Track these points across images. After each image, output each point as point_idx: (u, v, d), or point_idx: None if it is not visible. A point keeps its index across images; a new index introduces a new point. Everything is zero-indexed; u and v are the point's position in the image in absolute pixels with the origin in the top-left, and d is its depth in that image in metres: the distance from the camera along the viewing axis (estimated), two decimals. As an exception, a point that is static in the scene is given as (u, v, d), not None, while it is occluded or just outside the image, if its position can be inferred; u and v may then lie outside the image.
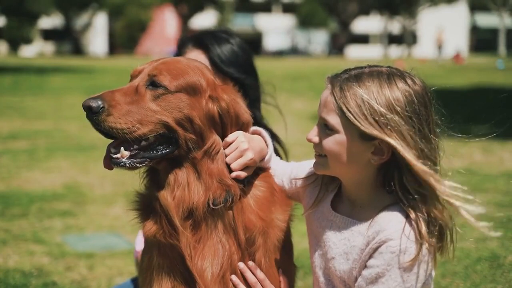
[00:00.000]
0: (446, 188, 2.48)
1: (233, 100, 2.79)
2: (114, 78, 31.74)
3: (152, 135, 2.64)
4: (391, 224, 2.50)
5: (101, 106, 2.58)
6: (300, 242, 4.47)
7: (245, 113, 2.84)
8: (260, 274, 2.75)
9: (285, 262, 2.94)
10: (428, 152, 2.49)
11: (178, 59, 2.81)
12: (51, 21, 76.92)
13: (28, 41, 72.06)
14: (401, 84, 2.51)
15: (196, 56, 3.76)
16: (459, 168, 2.75)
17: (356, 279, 2.59)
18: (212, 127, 2.72)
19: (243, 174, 2.75)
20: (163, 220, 2.68)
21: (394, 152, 2.48)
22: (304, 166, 2.94)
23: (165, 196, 2.67)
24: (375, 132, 2.46)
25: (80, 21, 76.84)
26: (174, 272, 2.74)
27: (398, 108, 2.47)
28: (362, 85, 2.51)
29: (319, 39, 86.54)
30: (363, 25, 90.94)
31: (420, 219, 2.48)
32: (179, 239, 2.66)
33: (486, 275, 5.52)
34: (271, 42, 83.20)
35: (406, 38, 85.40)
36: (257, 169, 2.88)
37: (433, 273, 2.64)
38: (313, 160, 2.86)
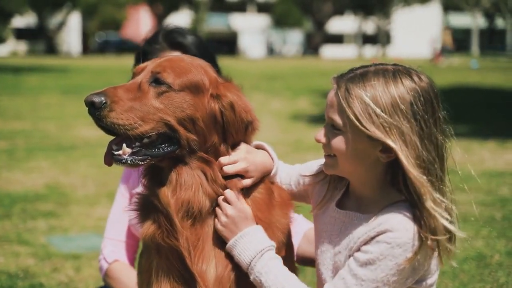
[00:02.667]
0: (431, 202, 2.48)
1: (238, 97, 2.75)
2: (90, 78, 31.62)
3: (154, 133, 2.62)
4: (394, 217, 2.50)
5: (104, 101, 2.56)
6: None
7: (251, 112, 2.79)
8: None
9: (286, 263, 2.94)
10: (429, 157, 2.49)
11: (182, 57, 2.79)
12: (24, 20, 76.39)
13: (1, 40, 71.43)
14: (407, 82, 2.51)
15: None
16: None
17: None
18: (214, 128, 2.70)
19: (239, 183, 2.74)
20: (162, 219, 2.66)
21: None
22: (311, 165, 2.94)
23: (166, 194, 2.64)
24: (377, 133, 2.46)
25: (54, 20, 76.33)
26: (173, 273, 2.71)
27: (403, 107, 2.46)
28: (367, 84, 2.50)
29: (294, 39, 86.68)
30: (337, 25, 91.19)
31: (425, 218, 2.48)
32: (177, 238, 2.65)
33: (474, 274, 5.56)
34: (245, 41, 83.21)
35: (380, 38, 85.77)
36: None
37: (433, 279, 2.64)
38: (320, 160, 2.87)
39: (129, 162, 2.64)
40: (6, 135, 14.13)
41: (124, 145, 2.64)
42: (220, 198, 2.70)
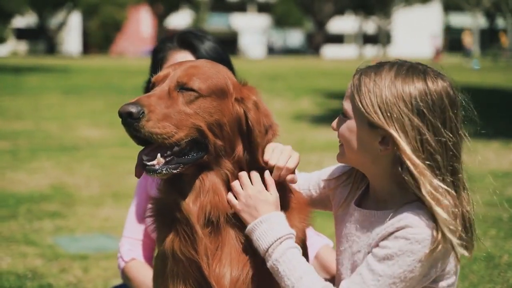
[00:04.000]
0: (430, 187, 2.48)
1: (260, 100, 2.77)
2: (90, 78, 31.62)
3: (187, 139, 2.61)
4: (413, 214, 2.50)
5: (142, 111, 2.53)
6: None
7: (271, 115, 2.80)
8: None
9: None
10: (432, 150, 2.50)
11: (204, 63, 2.78)
12: (25, 20, 76.38)
13: (1, 40, 71.42)
14: (417, 80, 2.54)
15: (184, 57, 3.72)
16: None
17: None
18: (239, 133, 2.70)
19: (296, 177, 2.77)
20: (181, 227, 2.65)
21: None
22: (330, 169, 2.96)
23: (187, 202, 2.63)
24: (379, 121, 2.51)
25: (54, 20, 76.31)
26: (189, 279, 2.70)
27: (407, 99, 2.50)
28: (378, 74, 2.57)
29: (295, 39, 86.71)
30: (338, 25, 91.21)
31: (436, 211, 2.47)
32: (196, 247, 2.63)
33: (483, 275, 5.55)
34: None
35: (381, 38, 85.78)
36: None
37: (449, 282, 2.63)
38: (336, 165, 2.90)
39: (164, 171, 2.61)
40: (8, 136, 14.12)
41: (158, 155, 2.61)
42: (244, 174, 2.68)
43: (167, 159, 2.62)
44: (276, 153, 2.73)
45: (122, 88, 23.65)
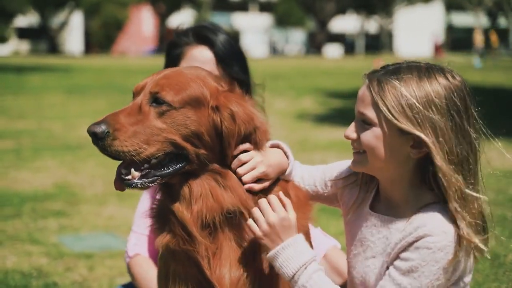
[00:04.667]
0: (455, 202, 2.46)
1: (238, 106, 2.68)
2: (92, 77, 31.62)
3: (161, 153, 2.59)
4: (431, 221, 2.47)
5: (106, 130, 2.52)
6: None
7: (256, 118, 2.73)
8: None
9: None
10: (463, 152, 2.48)
11: (180, 71, 2.72)
12: (27, 19, 76.40)
13: (3, 40, 71.45)
14: (441, 79, 2.51)
15: (201, 52, 3.72)
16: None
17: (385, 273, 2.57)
18: (219, 138, 2.66)
19: (256, 186, 2.71)
20: (178, 229, 2.64)
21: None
22: (338, 168, 2.92)
23: (181, 210, 2.62)
24: (410, 127, 2.45)
25: (56, 19, 76.32)
26: (191, 279, 2.70)
27: (437, 102, 2.46)
28: (400, 78, 2.50)
29: (296, 38, 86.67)
30: (340, 25, 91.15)
31: (461, 217, 2.46)
32: (196, 248, 2.63)
33: (488, 274, 5.55)
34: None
35: (383, 37, 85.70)
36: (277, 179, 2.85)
37: (469, 278, 2.62)
38: (345, 161, 2.85)
39: (139, 185, 2.61)
40: (12, 135, 14.12)
41: (132, 169, 2.60)
42: (264, 201, 2.64)
43: (143, 173, 2.61)
44: (250, 164, 2.69)
45: (124, 88, 23.58)
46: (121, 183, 2.63)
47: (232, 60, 3.76)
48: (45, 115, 17.83)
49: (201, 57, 3.72)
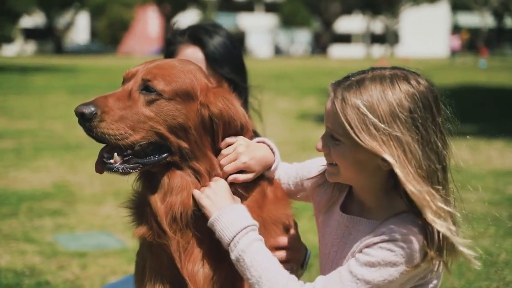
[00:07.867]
0: (431, 214, 2.39)
1: (227, 103, 2.70)
2: (97, 77, 31.66)
3: (145, 142, 2.59)
4: (401, 228, 2.43)
5: (94, 112, 2.53)
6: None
7: (242, 116, 2.75)
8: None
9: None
10: (431, 165, 2.41)
11: (173, 63, 2.73)
12: (32, 20, 76.58)
13: (9, 40, 71.60)
14: (405, 86, 2.43)
15: (193, 52, 3.73)
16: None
17: None
18: (206, 134, 2.67)
19: (240, 177, 2.70)
20: (153, 222, 2.64)
21: None
22: (310, 166, 2.90)
23: (156, 200, 2.62)
24: (374, 146, 2.39)
25: (62, 20, 76.49)
26: (166, 273, 2.70)
27: (401, 116, 2.39)
28: (364, 92, 2.42)
29: (302, 38, 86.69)
30: (345, 25, 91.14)
31: (429, 230, 2.41)
32: (168, 241, 2.63)
33: (480, 272, 5.53)
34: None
35: (389, 38, 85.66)
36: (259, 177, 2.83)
37: (437, 281, 2.59)
38: (319, 159, 2.84)
39: (120, 170, 2.61)
40: (13, 134, 14.15)
41: (115, 153, 2.60)
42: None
43: (124, 158, 2.61)
44: (227, 150, 2.71)
45: (128, 88, 23.52)
46: (102, 166, 2.63)
47: (224, 62, 3.76)
48: (48, 115, 17.87)
49: (192, 57, 3.73)
